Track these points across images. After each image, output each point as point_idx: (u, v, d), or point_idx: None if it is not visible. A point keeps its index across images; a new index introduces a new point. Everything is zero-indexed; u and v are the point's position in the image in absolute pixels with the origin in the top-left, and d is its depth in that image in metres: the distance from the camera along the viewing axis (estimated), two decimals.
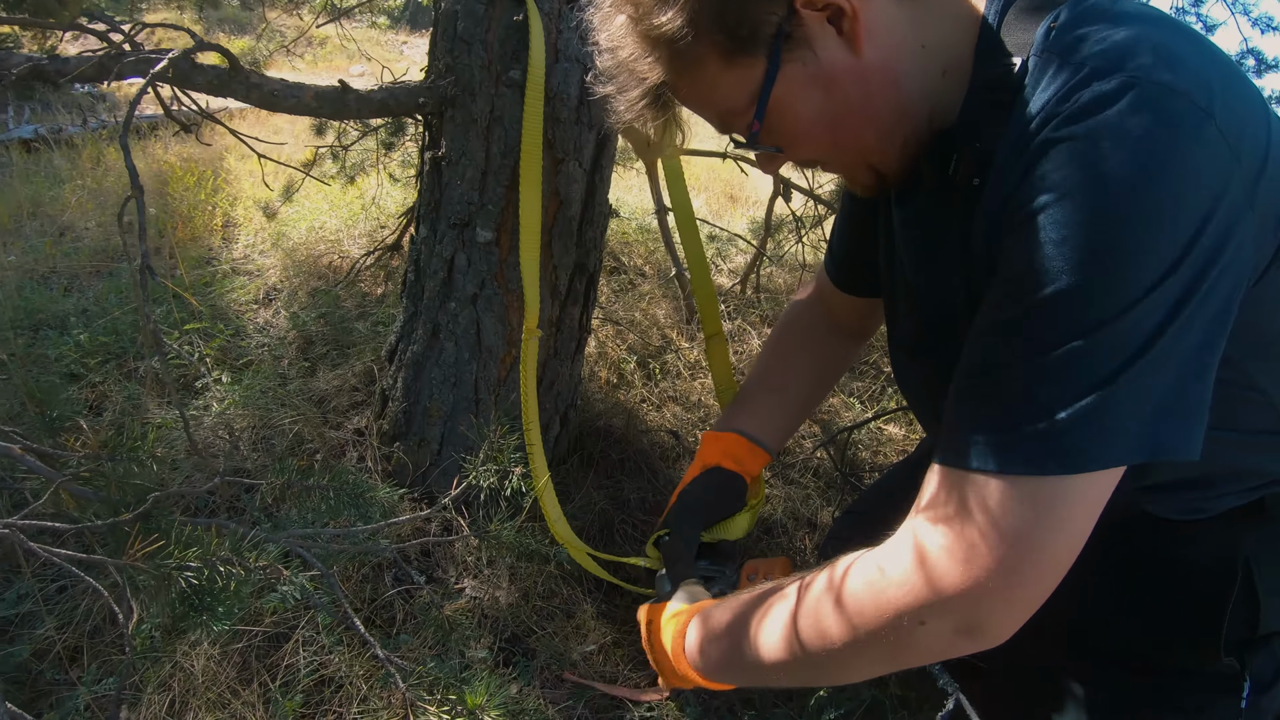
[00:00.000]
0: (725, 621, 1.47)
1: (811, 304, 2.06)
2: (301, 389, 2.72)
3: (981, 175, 1.19)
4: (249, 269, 3.72)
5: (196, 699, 1.78)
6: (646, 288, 3.69)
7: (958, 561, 1.12)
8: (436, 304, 2.20)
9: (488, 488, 1.51)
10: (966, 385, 1.16)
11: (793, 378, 2.04)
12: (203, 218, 4.22)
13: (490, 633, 2.02)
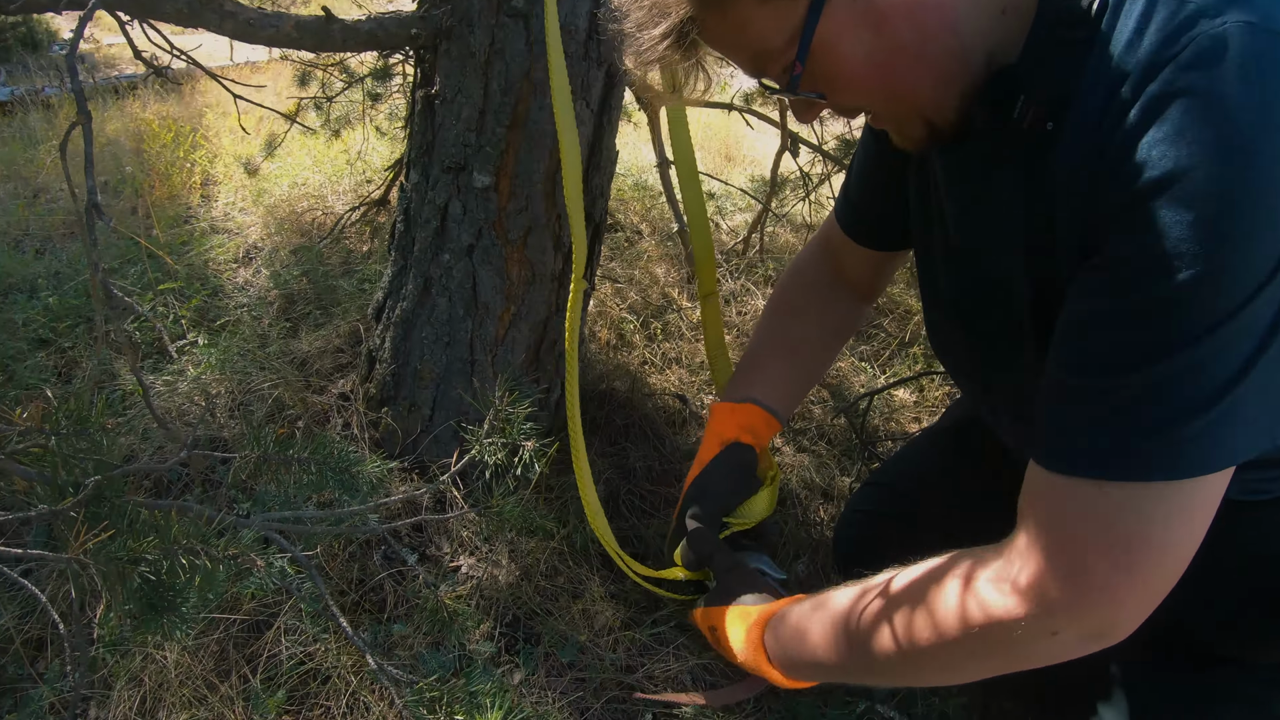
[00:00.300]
0: (813, 623, 1.43)
1: (818, 259, 1.94)
2: (282, 351, 2.55)
3: (1056, 119, 1.07)
4: (228, 227, 3.56)
5: (170, 695, 1.63)
6: (645, 245, 3.53)
7: (1086, 574, 1.07)
8: (428, 256, 2.02)
9: (494, 464, 1.35)
10: (1078, 384, 1.07)
11: (803, 341, 1.93)
12: (181, 176, 4.06)
13: (489, 616, 1.86)
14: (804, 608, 1.50)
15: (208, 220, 3.62)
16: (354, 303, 2.82)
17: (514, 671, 1.76)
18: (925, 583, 1.26)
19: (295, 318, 2.81)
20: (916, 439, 2.19)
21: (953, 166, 1.31)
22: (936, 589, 1.23)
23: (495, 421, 1.38)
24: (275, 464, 1.43)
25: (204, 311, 2.81)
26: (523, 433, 1.36)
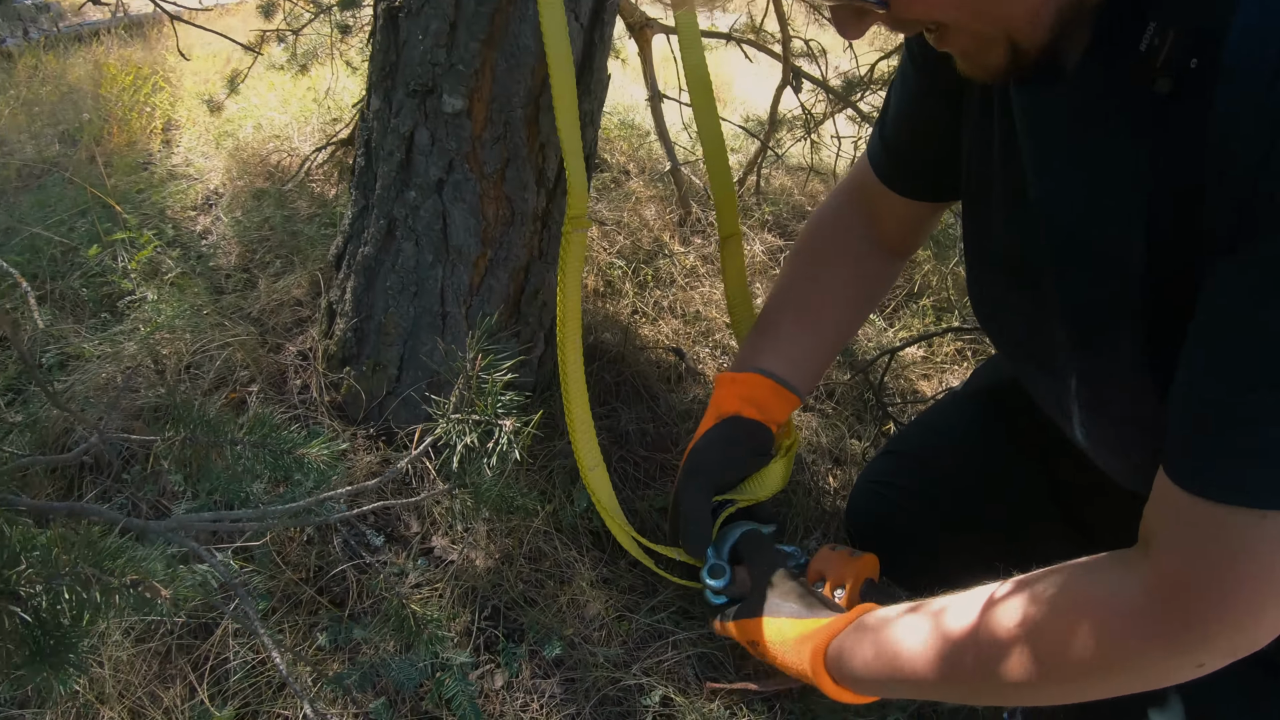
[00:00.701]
0: (902, 644, 1.31)
1: (846, 210, 1.74)
2: (237, 305, 2.31)
3: (1200, 56, 0.90)
4: (188, 173, 3.32)
5: (109, 708, 1.44)
6: (634, 186, 3.30)
7: (1241, 607, 0.99)
8: (392, 194, 1.78)
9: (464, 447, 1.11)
10: (1229, 401, 0.96)
11: (828, 304, 1.74)
12: (141, 121, 3.81)
13: (466, 607, 1.64)
14: (883, 626, 1.36)
15: (167, 166, 3.39)
16: (317, 250, 2.59)
17: (494, 674, 1.55)
18: (1046, 604, 1.15)
19: (254, 267, 2.58)
20: (941, 404, 2.01)
21: (1042, 108, 1.12)
22: (1064, 613, 1.13)
23: (466, 391, 1.13)
24: (203, 448, 1.20)
25: (157, 263, 2.57)
26: (500, 406, 1.11)
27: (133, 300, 2.37)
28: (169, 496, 1.77)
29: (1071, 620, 1.11)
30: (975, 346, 2.87)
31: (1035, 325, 1.29)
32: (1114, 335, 1.13)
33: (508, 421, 1.08)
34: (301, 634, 1.58)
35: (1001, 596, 1.22)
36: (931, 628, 1.29)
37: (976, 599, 1.24)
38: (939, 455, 1.85)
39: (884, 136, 1.58)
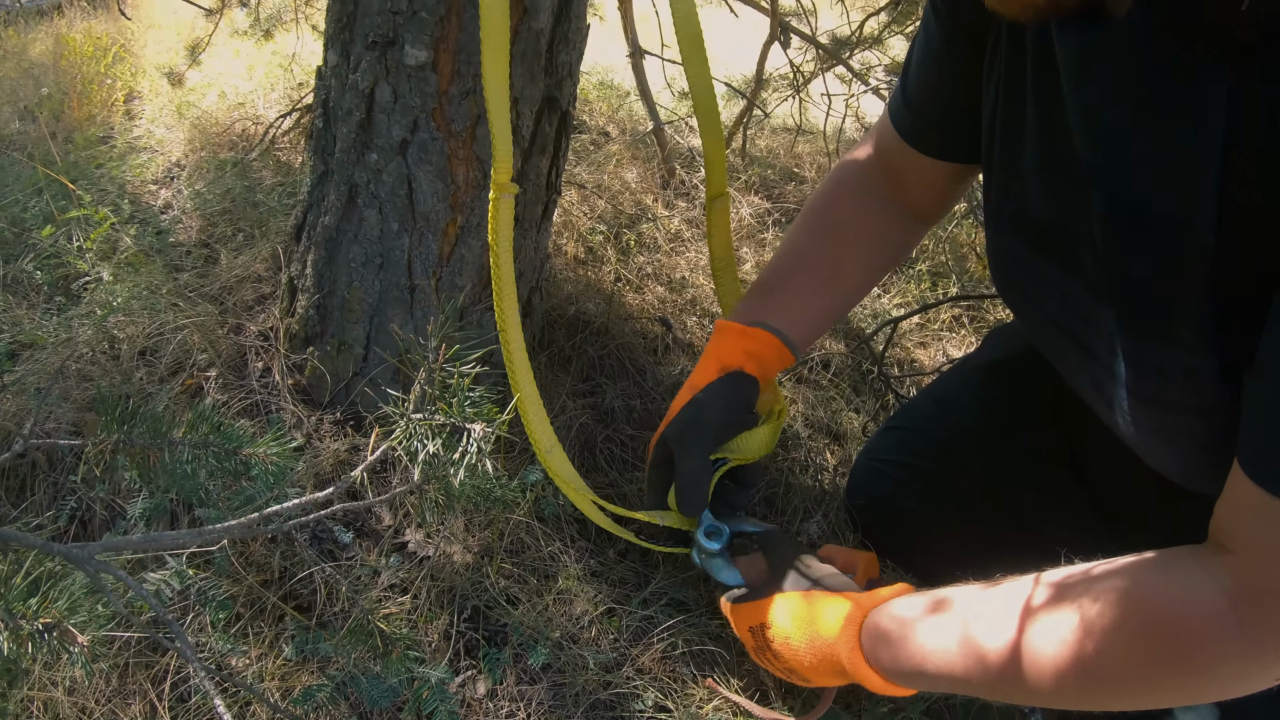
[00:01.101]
0: (948, 631, 1.19)
1: (867, 170, 1.62)
2: (196, 283, 2.16)
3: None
4: (150, 145, 3.16)
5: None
6: (614, 148, 3.15)
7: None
8: (352, 157, 1.63)
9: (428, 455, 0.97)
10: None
11: (843, 263, 1.63)
12: (101, 93, 3.65)
13: (445, 609, 1.50)
14: (928, 607, 1.24)
15: (128, 139, 3.23)
16: (280, 221, 2.45)
17: (477, 681, 1.42)
18: (1111, 605, 1.05)
19: (215, 242, 2.43)
20: (948, 377, 1.90)
21: (1093, 54, 1.00)
22: (1134, 616, 1.03)
23: (428, 387, 0.99)
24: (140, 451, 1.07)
25: (114, 241, 2.42)
26: (470, 404, 0.97)
27: (88, 282, 2.23)
28: (124, 495, 1.64)
29: (1143, 625, 1.02)
30: (972, 314, 2.76)
31: (1072, 301, 1.18)
32: (1172, 316, 1.01)
33: (477, 425, 0.94)
34: (267, 643, 1.45)
35: (1055, 593, 1.11)
36: (986, 622, 1.18)
37: (1024, 594, 1.14)
38: (947, 431, 1.75)
39: (906, 92, 1.46)
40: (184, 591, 1.46)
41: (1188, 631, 0.99)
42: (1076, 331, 1.20)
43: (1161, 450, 1.17)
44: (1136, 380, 1.10)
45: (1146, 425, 1.13)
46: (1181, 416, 1.07)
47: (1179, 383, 1.04)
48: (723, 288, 1.87)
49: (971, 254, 3.07)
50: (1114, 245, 1.05)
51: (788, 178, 3.27)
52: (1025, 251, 1.26)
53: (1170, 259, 0.98)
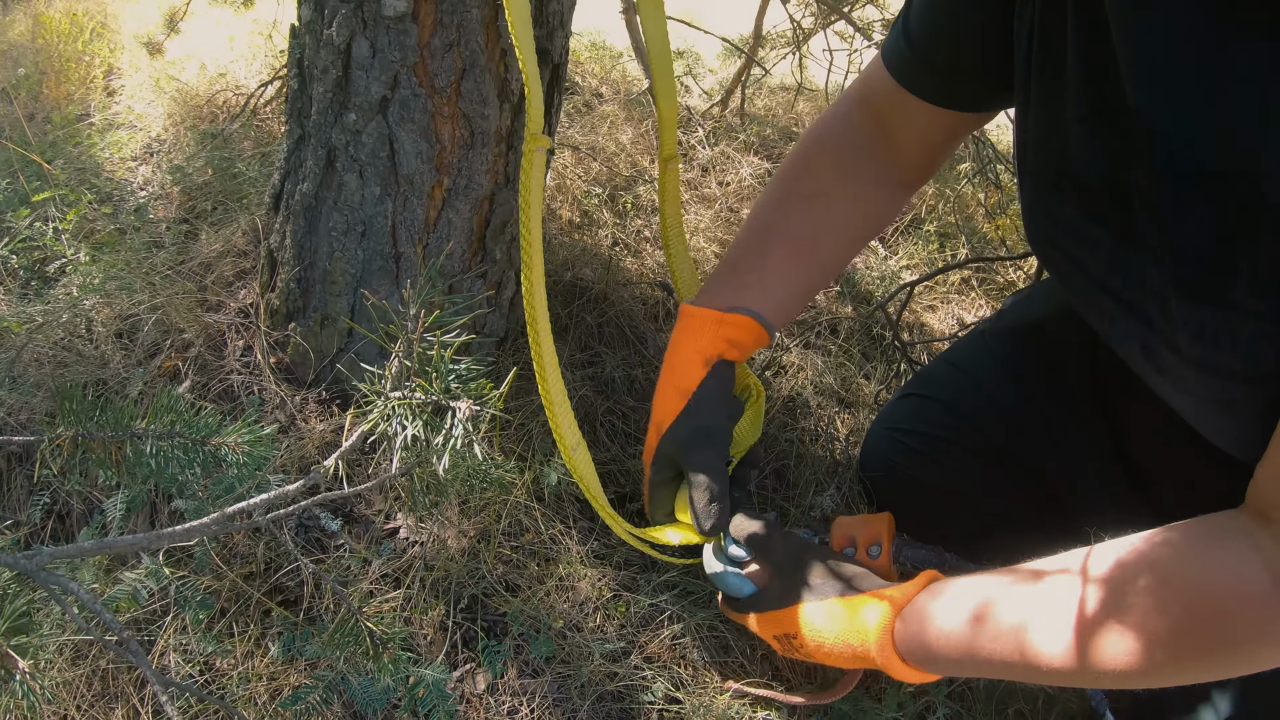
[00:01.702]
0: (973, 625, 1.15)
1: (852, 127, 1.50)
2: (174, 260, 2.06)
3: None
4: (129, 121, 3.07)
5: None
6: (608, 109, 3.06)
7: None
8: (329, 119, 1.52)
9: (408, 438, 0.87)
10: None
11: (822, 237, 1.53)
12: (79, 71, 3.57)
13: (440, 599, 1.41)
14: (958, 603, 1.18)
15: (106, 116, 3.15)
16: (262, 191, 2.36)
17: (476, 676, 1.34)
18: (1157, 584, 1.01)
19: (195, 217, 2.35)
20: (968, 341, 1.81)
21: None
22: (1179, 595, 1.00)
23: (407, 361, 0.89)
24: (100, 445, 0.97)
25: (91, 221, 2.35)
26: (455, 378, 0.86)
27: (64, 264, 2.14)
28: (101, 489, 1.55)
29: (1189, 604, 0.98)
30: (982, 276, 2.68)
31: (1121, 262, 1.10)
32: (1234, 280, 0.94)
33: (463, 403, 0.83)
34: (254, 641, 1.37)
35: (1097, 572, 1.06)
36: (1019, 606, 1.13)
37: (1066, 571, 1.10)
38: (967, 398, 1.68)
39: (908, 31, 1.34)
40: (164, 589, 1.37)
41: (1235, 616, 0.96)
42: (1125, 295, 1.12)
43: (1216, 419, 1.10)
44: (1192, 346, 1.02)
45: (1201, 394, 1.06)
46: (1241, 384, 1.00)
47: (1240, 350, 0.96)
48: (673, 255, 1.77)
49: (979, 213, 2.99)
50: (1170, 203, 0.97)
51: (788, 137, 3.18)
52: (1067, 210, 1.17)
53: (1234, 219, 0.91)
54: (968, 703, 1.55)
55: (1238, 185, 0.89)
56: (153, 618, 1.37)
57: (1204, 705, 1.36)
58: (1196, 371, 1.04)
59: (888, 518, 1.46)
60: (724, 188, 2.75)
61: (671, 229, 1.74)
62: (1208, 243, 0.94)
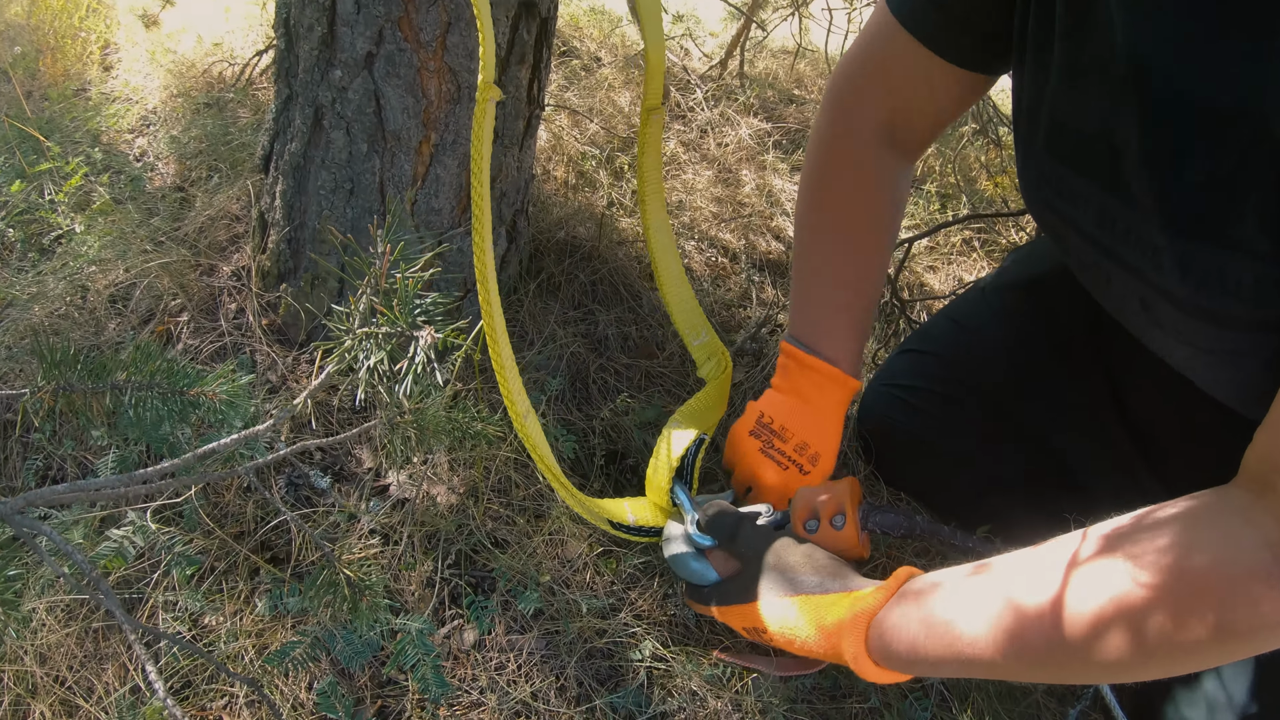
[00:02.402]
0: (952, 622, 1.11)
1: (862, 109, 1.46)
2: (168, 226, 2.05)
3: None
4: (125, 94, 3.06)
5: (40, 701, 1.25)
6: (606, 73, 3.03)
7: None
8: (316, 76, 1.50)
9: (372, 368, 0.86)
10: None
11: (879, 252, 1.56)
12: (75, 47, 3.54)
13: (428, 555, 1.41)
14: (935, 600, 1.14)
15: (103, 90, 3.14)
16: (255, 157, 2.32)
17: (464, 632, 1.33)
18: (1151, 573, 0.96)
19: (190, 185, 2.34)
20: (968, 297, 1.79)
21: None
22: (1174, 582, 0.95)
23: (373, 297, 0.88)
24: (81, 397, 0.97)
25: (87, 192, 2.34)
26: (419, 312, 0.86)
27: (61, 235, 2.15)
28: (93, 450, 1.54)
29: (1185, 592, 0.94)
30: (984, 237, 2.65)
31: (1114, 218, 1.07)
32: (1235, 222, 0.92)
33: (425, 331, 0.83)
34: (243, 598, 1.36)
35: (1086, 559, 1.03)
36: (1000, 601, 1.09)
37: (1052, 562, 1.05)
38: (968, 354, 1.66)
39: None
40: (153, 549, 1.37)
41: (1233, 599, 0.91)
42: (1120, 251, 1.09)
43: (1219, 373, 1.09)
44: (1195, 294, 1.00)
45: (1204, 345, 1.04)
46: (1245, 333, 0.98)
47: (1243, 295, 0.94)
48: (647, 206, 1.76)
49: (982, 174, 2.96)
50: (1164, 148, 0.94)
51: (787, 99, 3.15)
52: (1060, 167, 1.15)
53: (1233, 159, 0.88)
54: None
55: (1237, 124, 0.87)
56: (141, 575, 1.37)
57: (1207, 672, 1.35)
58: (1197, 321, 1.02)
59: (850, 483, 1.42)
60: (723, 148, 2.73)
61: (648, 180, 1.73)
62: (1207, 185, 0.92)
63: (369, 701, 1.27)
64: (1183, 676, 1.37)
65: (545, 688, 1.30)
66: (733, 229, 2.34)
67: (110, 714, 1.23)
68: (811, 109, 3.06)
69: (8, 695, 1.25)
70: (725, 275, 2.20)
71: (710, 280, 2.15)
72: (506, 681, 1.30)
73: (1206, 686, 1.34)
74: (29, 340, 1.73)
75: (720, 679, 1.37)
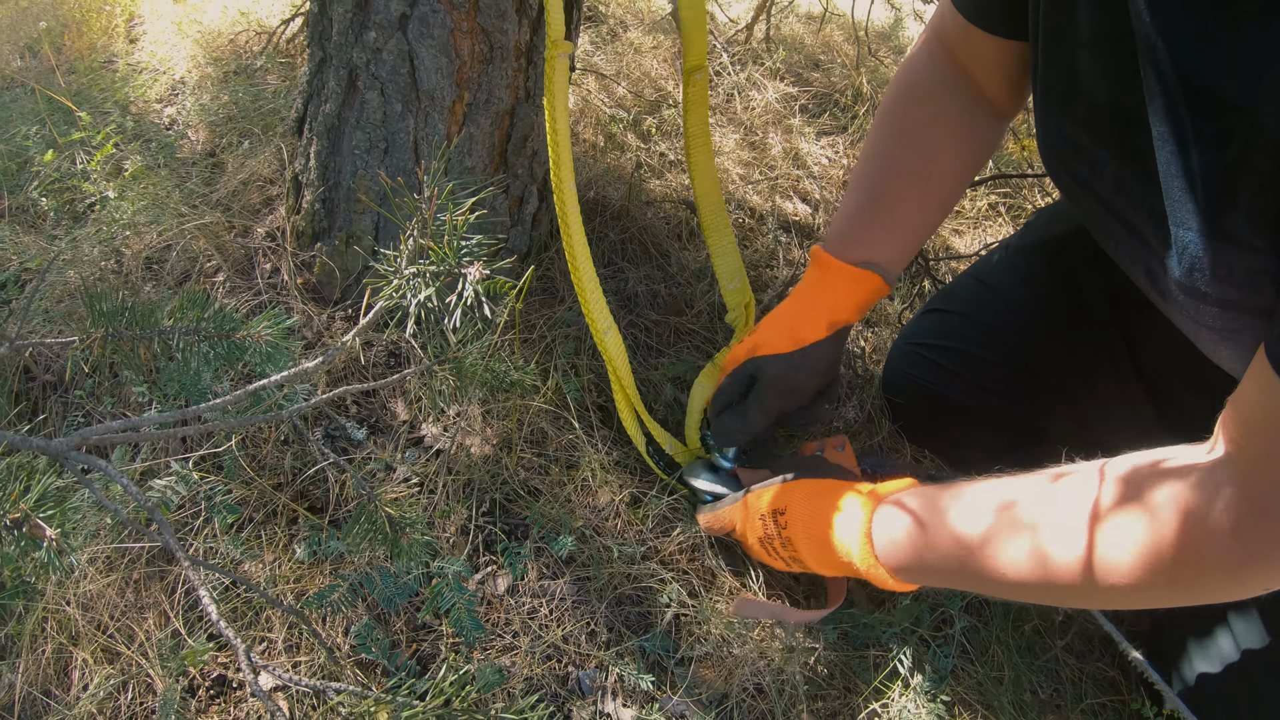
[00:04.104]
0: (944, 527, 1.17)
1: (935, 66, 1.47)
2: (201, 191, 2.08)
3: None
4: (153, 65, 3.06)
5: (82, 649, 1.28)
6: (633, 37, 3.03)
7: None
8: (350, 38, 1.52)
9: (421, 305, 0.89)
10: None
11: (935, 173, 1.52)
12: (101, 20, 3.54)
13: (462, 503, 1.43)
14: (933, 503, 1.21)
15: (130, 62, 3.13)
16: (287, 123, 2.33)
17: (497, 578, 1.35)
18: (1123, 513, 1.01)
19: (221, 150, 2.36)
20: (992, 257, 1.79)
21: None
22: (1141, 525, 0.99)
23: (420, 239, 0.91)
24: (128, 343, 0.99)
25: (119, 160, 2.36)
26: (465, 251, 0.88)
27: (94, 203, 2.17)
28: (133, 407, 1.57)
29: (1149, 538, 0.98)
30: (1010, 201, 2.65)
31: (1126, 187, 1.08)
32: (1235, 208, 0.92)
33: (474, 268, 0.85)
34: (281, 546, 1.39)
35: (1070, 501, 1.08)
36: (966, 518, 1.16)
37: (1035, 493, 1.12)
38: (992, 313, 1.67)
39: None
40: (194, 499, 1.40)
41: (1188, 547, 0.95)
42: (1131, 219, 1.10)
43: (1219, 347, 1.09)
44: (1192, 277, 1.00)
45: (1204, 322, 1.05)
46: (1240, 316, 0.99)
47: (1240, 284, 0.95)
48: (695, 165, 1.77)
49: (1010, 138, 2.96)
50: (1171, 130, 0.94)
51: (814, 65, 3.15)
52: (1075, 131, 1.16)
53: (1234, 151, 0.88)
54: (985, 617, 1.56)
55: (1238, 117, 0.87)
56: (183, 524, 1.39)
57: (1220, 627, 1.37)
58: (1197, 301, 1.02)
59: (840, 439, 1.51)
60: (749, 111, 2.73)
61: (695, 139, 1.74)
62: (1208, 174, 0.92)
63: (405, 645, 1.30)
64: (1197, 633, 1.39)
65: (576, 631, 1.33)
66: (760, 190, 2.35)
67: (151, 658, 1.26)
68: (839, 73, 3.05)
69: (50, 644, 1.28)
70: (753, 236, 2.21)
71: (738, 241, 2.16)
72: (539, 625, 1.33)
73: (1220, 642, 1.36)
74: (65, 304, 1.75)
75: (745, 624, 1.40)
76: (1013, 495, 1.13)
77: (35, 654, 1.28)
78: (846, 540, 1.26)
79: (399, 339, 1.63)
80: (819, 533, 1.30)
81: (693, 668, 1.36)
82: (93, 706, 1.24)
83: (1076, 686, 1.54)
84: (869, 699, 1.39)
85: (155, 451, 1.48)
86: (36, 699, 1.26)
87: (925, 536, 1.19)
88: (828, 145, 2.61)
